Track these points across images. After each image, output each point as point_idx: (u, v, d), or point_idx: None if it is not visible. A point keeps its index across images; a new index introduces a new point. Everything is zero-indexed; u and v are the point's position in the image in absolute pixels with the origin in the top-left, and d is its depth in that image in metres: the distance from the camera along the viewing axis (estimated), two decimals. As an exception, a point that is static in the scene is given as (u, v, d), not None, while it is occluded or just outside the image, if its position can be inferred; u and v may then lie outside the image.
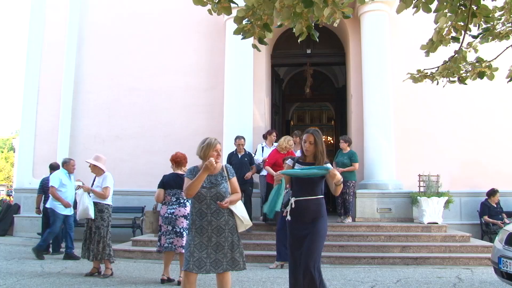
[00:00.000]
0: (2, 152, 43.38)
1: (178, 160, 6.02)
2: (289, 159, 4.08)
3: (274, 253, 7.58)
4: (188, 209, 5.67)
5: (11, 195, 19.43)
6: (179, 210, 5.76)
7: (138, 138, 10.90)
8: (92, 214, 6.24)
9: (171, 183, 5.87)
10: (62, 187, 7.83)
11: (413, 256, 7.46)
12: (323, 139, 3.83)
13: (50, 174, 8.82)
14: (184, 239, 5.56)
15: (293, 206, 3.82)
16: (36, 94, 11.43)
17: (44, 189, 8.64)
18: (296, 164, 3.94)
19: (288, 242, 3.94)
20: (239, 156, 8.62)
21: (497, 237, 5.38)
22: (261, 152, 9.04)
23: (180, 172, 5.94)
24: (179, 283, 5.61)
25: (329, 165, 3.81)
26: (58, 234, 8.52)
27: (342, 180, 3.77)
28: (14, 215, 11.20)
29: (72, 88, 11.32)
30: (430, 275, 6.46)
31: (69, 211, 8.01)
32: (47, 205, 8.04)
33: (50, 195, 7.92)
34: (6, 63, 74.34)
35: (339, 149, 9.33)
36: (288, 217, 3.85)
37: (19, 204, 11.29)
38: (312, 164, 3.90)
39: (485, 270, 6.74)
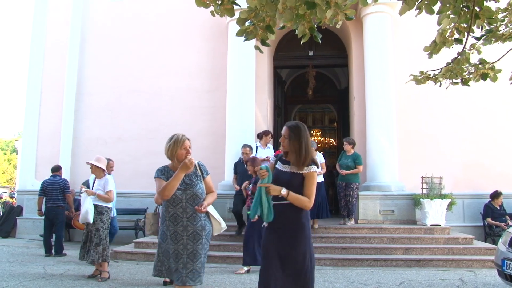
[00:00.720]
0: (5, 154, 43.48)
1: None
2: (272, 156, 3.63)
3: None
4: None
5: (14, 197, 19.46)
6: None
7: (140, 140, 10.90)
8: (91, 219, 6.24)
9: None
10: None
11: (416, 258, 7.43)
12: (308, 136, 3.33)
13: (51, 176, 8.84)
14: None
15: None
16: (38, 96, 11.46)
17: (45, 191, 8.64)
18: (278, 162, 3.45)
19: (262, 248, 3.41)
20: (245, 165, 8.34)
21: (500, 239, 5.37)
22: (255, 152, 8.95)
23: None
24: None
25: (313, 167, 3.28)
26: (60, 236, 8.54)
27: (286, 192, 3.18)
28: (16, 217, 11.22)
29: (74, 90, 11.35)
30: (433, 277, 6.44)
31: (113, 213, 7.48)
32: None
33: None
34: (9, 65, 74.56)
35: (342, 151, 9.31)
36: (265, 223, 3.37)
37: (22, 206, 11.31)
38: (288, 163, 3.39)
39: (489, 273, 6.71)
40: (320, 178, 8.30)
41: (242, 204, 7.93)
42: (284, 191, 3.17)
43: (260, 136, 9.18)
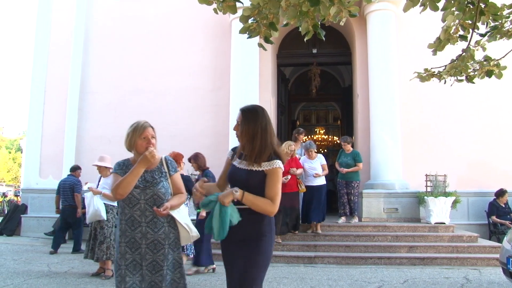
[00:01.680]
0: (10, 152, 43.67)
1: (176, 159, 6.00)
2: (230, 150, 2.96)
3: (280, 253, 7.58)
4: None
5: (19, 195, 19.55)
6: None
7: (144, 139, 10.90)
8: (104, 215, 6.29)
9: None
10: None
11: (420, 256, 7.41)
12: (268, 123, 2.72)
13: (68, 175, 8.96)
14: None
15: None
16: (42, 95, 11.49)
17: (61, 190, 8.78)
18: (235, 156, 2.84)
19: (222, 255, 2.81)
20: None
21: (505, 238, 5.34)
22: None
23: None
24: None
25: (277, 162, 2.64)
26: (80, 233, 8.66)
27: (239, 193, 2.54)
28: (21, 215, 11.26)
29: (78, 89, 11.37)
30: (438, 275, 6.42)
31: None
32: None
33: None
34: (13, 64, 74.83)
35: (341, 149, 9.30)
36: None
37: (26, 204, 11.35)
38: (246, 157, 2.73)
39: (493, 271, 6.69)
40: (322, 181, 8.27)
41: None
42: (237, 191, 2.53)
43: None
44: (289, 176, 7.61)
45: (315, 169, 8.21)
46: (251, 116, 2.70)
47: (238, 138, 2.75)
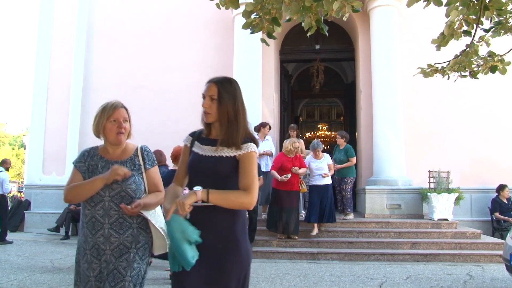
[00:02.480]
0: (13, 149, 43.81)
1: (177, 155, 5.95)
2: (187, 136, 2.41)
3: (283, 249, 7.59)
4: None
5: (22, 191, 19.62)
6: None
7: (146, 135, 10.86)
8: None
9: (168, 180, 5.77)
10: None
11: (423, 252, 7.40)
12: (242, 98, 2.29)
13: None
14: None
15: (187, 216, 2.12)
16: (45, 91, 11.51)
17: None
18: (196, 142, 2.32)
19: (176, 279, 2.24)
20: None
21: (508, 234, 5.33)
22: None
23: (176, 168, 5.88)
24: None
25: (251, 145, 2.21)
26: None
27: (203, 194, 2.04)
28: (24, 211, 11.30)
29: (81, 85, 11.38)
30: (440, 272, 6.41)
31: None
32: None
33: None
34: (16, 61, 74.98)
35: (336, 145, 9.27)
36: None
37: (30, 201, 11.38)
38: (214, 142, 2.24)
39: (496, 267, 6.68)
40: (329, 180, 8.09)
41: None
42: (199, 190, 2.03)
43: (257, 128, 8.89)
44: (289, 175, 7.51)
45: (322, 169, 8.00)
46: (231, 91, 2.23)
47: (204, 118, 2.26)
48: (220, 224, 2.15)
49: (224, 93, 2.22)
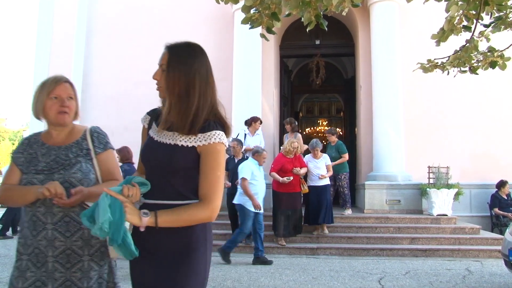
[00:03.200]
0: (13, 144, 43.82)
1: None
2: (145, 114, 2.03)
3: (274, 244, 7.58)
4: None
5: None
6: None
7: (146, 130, 10.92)
8: None
9: None
10: (253, 180, 6.76)
11: (422, 248, 7.42)
12: (208, 68, 1.79)
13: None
14: None
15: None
16: (45, 86, 11.50)
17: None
18: (154, 124, 1.90)
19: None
20: (236, 161, 7.66)
21: (507, 229, 5.35)
22: (243, 140, 8.60)
23: None
24: None
25: (219, 134, 1.71)
26: None
27: (151, 220, 1.57)
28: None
29: (81, 80, 11.36)
30: (439, 267, 6.43)
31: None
32: (235, 201, 6.88)
33: (240, 189, 6.82)
34: (16, 56, 74.89)
35: (328, 142, 9.25)
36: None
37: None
38: (170, 124, 1.76)
39: (495, 263, 6.70)
40: (327, 181, 7.92)
41: (234, 208, 7.27)
42: (146, 217, 1.56)
43: (248, 122, 8.78)
44: (292, 177, 7.28)
45: (320, 169, 7.86)
46: (185, 57, 1.75)
47: (160, 93, 1.82)
48: (171, 230, 1.65)
49: (173, 60, 1.75)
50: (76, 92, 2.30)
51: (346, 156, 8.75)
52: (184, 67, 1.72)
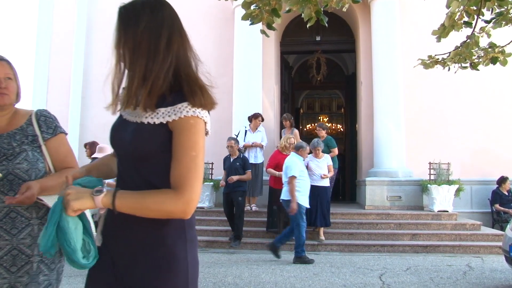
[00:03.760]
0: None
1: None
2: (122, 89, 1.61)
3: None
4: None
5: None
6: None
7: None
8: None
9: None
10: (301, 177, 6.64)
11: (423, 244, 7.43)
12: (174, 25, 1.56)
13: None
14: None
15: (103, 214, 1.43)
16: (45, 83, 11.50)
17: None
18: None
19: None
20: (231, 160, 7.56)
21: (508, 226, 5.34)
22: (244, 136, 8.66)
23: None
24: None
25: (187, 109, 1.35)
26: None
27: (106, 199, 1.26)
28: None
29: (81, 77, 11.37)
30: (440, 263, 6.44)
31: (307, 204, 6.74)
32: (285, 197, 6.68)
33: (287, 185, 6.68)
34: (16, 54, 74.84)
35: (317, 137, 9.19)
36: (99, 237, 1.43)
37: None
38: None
39: (496, 259, 6.70)
40: (326, 182, 7.57)
41: (231, 205, 7.36)
42: (99, 195, 1.27)
43: (249, 119, 8.78)
44: None
45: (322, 169, 7.56)
46: (133, 12, 1.47)
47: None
48: (140, 229, 1.33)
49: (121, 19, 1.51)
50: (16, 72, 2.05)
51: (335, 151, 8.58)
52: (133, 23, 1.44)
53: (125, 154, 1.39)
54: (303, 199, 6.55)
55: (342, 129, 18.36)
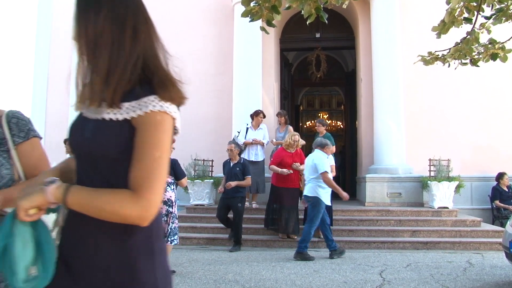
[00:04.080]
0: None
1: None
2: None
3: (275, 237, 7.60)
4: (167, 194, 5.20)
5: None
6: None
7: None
8: None
9: None
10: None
11: (423, 240, 7.43)
12: (149, 19, 1.48)
13: None
14: (166, 226, 5.09)
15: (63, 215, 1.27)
16: (45, 82, 11.49)
17: None
18: None
19: None
20: (231, 165, 7.35)
21: (508, 222, 5.34)
22: (245, 134, 8.62)
23: None
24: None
25: (155, 103, 1.22)
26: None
27: (54, 192, 1.16)
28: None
29: (81, 75, 11.37)
30: (441, 259, 6.44)
31: (328, 202, 6.79)
32: (309, 193, 6.63)
33: (314, 181, 6.63)
34: (16, 52, 74.71)
35: (316, 133, 9.19)
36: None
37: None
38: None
39: (496, 255, 6.70)
40: None
41: (225, 210, 7.28)
42: (51, 186, 1.18)
43: (251, 116, 8.77)
44: (292, 170, 7.18)
45: None
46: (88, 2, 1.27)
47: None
48: (96, 247, 1.19)
49: (79, 7, 1.30)
50: None
51: (333, 149, 8.56)
52: (94, 10, 1.26)
53: (84, 154, 1.24)
54: (326, 197, 6.56)
55: (342, 126, 18.36)
